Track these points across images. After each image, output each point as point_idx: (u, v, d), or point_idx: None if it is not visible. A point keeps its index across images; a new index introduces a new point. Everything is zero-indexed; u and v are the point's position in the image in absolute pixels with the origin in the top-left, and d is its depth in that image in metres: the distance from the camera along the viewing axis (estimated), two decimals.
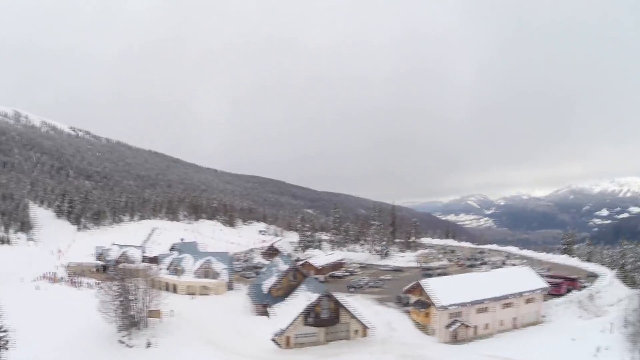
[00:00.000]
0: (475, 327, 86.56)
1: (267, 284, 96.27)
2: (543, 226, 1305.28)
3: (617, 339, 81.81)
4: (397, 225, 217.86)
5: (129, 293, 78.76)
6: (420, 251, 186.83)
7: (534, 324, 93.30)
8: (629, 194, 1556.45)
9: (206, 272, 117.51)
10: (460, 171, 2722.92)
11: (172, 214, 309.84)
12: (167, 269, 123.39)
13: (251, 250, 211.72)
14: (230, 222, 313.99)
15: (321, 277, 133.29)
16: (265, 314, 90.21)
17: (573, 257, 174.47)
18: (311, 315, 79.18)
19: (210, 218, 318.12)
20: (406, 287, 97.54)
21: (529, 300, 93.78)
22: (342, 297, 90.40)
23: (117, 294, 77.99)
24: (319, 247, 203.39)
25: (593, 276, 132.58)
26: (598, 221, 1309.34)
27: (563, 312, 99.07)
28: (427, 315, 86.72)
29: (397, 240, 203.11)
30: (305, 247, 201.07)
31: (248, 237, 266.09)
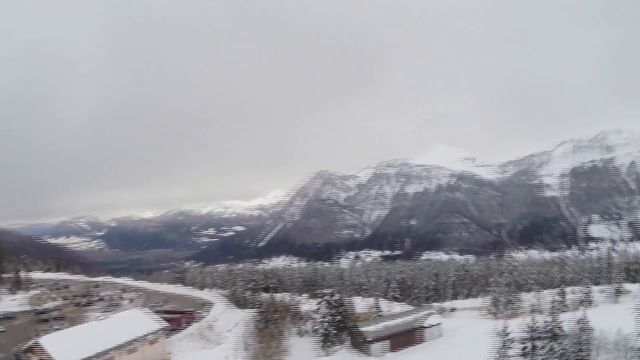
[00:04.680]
0: None
1: None
2: (154, 246, 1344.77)
3: None
4: (4, 258, 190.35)
5: None
6: (32, 292, 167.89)
7: None
8: (233, 215, 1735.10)
9: None
10: (70, 192, 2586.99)
11: None
12: None
13: None
14: None
15: None
16: None
17: (187, 285, 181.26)
18: None
19: None
20: (25, 346, 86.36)
21: (153, 342, 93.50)
22: None
23: None
24: None
25: (209, 304, 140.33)
26: (206, 239, 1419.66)
27: (187, 346, 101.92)
28: None
29: (5, 276, 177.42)
30: None
31: None
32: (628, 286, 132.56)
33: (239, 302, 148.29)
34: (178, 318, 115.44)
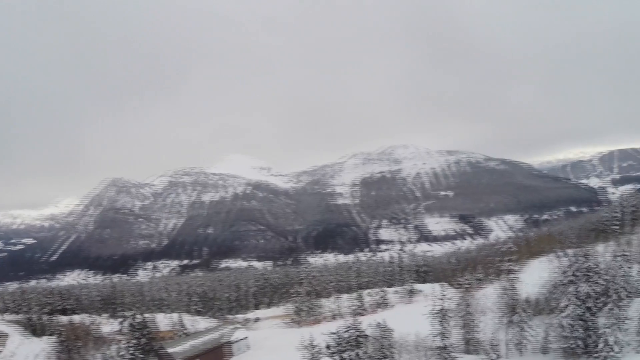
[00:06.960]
0: None
1: None
2: None
3: None
4: None
5: None
6: None
7: None
8: (22, 226, 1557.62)
9: None
10: None
11: None
12: None
13: None
14: None
15: None
16: None
17: None
18: None
19: None
20: None
21: None
22: None
23: None
24: None
25: (3, 335, 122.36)
26: None
27: None
28: None
29: None
30: None
31: None
32: (419, 286, 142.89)
33: (36, 329, 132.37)
34: None
